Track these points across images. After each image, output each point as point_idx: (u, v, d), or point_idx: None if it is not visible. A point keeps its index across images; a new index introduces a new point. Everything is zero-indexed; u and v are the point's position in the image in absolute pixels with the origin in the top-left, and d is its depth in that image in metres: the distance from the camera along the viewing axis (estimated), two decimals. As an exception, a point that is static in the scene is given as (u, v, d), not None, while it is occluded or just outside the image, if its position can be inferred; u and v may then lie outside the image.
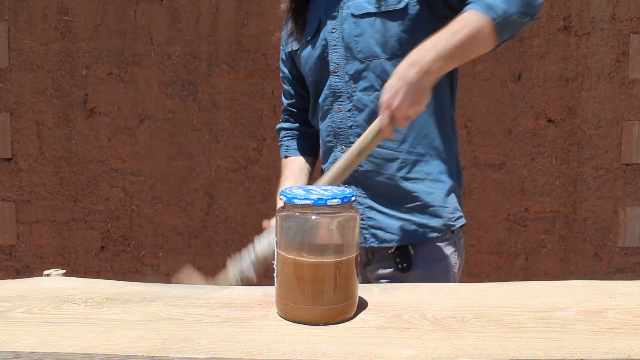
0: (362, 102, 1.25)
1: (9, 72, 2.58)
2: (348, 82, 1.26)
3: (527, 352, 0.71)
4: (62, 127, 2.60)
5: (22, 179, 2.63)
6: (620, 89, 2.50)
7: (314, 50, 1.29)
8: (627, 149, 2.52)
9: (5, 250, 2.68)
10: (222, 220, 2.61)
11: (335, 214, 0.81)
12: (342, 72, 1.26)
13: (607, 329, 0.78)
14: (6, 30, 2.56)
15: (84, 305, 0.89)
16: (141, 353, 0.71)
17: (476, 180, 2.54)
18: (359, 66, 1.24)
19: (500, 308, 0.87)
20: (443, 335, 0.76)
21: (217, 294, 0.96)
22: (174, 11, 2.54)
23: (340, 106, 1.27)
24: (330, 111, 1.29)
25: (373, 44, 1.22)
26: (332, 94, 1.28)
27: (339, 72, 1.26)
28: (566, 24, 2.47)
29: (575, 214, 2.56)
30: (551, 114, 2.51)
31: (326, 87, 1.28)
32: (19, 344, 0.74)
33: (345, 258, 0.82)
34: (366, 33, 1.23)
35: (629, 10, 2.46)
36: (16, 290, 0.97)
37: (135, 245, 2.64)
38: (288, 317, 0.83)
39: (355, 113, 1.26)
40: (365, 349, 0.73)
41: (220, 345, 0.73)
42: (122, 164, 2.61)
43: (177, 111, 2.57)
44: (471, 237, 2.56)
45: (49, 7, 2.54)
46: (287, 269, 0.82)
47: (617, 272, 2.59)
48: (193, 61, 2.55)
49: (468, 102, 2.47)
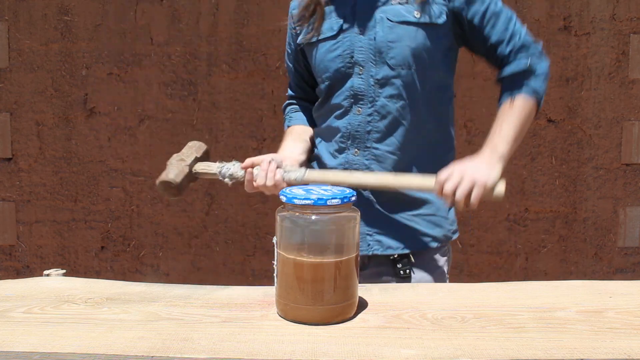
0: (385, 108, 1.23)
1: (9, 72, 2.58)
2: (373, 86, 1.23)
3: (527, 352, 0.71)
4: (62, 127, 2.60)
5: (22, 179, 2.63)
6: (620, 89, 2.50)
7: (335, 48, 1.26)
8: (627, 149, 2.51)
9: (5, 250, 2.68)
10: (222, 220, 2.61)
11: (335, 214, 0.81)
12: (367, 75, 1.23)
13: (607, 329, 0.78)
14: (6, 30, 2.55)
15: (84, 305, 0.89)
16: (141, 353, 0.71)
17: (476, 180, 2.54)
18: (388, 72, 1.22)
19: (500, 308, 0.87)
20: (443, 335, 0.76)
21: (217, 294, 0.96)
22: (174, 11, 2.54)
23: (360, 109, 1.25)
24: (349, 112, 1.26)
25: (407, 53, 1.21)
26: (354, 96, 1.25)
27: (363, 74, 1.24)
28: (566, 24, 2.47)
29: (575, 214, 2.56)
30: (551, 114, 2.51)
31: (347, 87, 1.25)
32: (19, 344, 0.74)
33: (345, 258, 0.82)
34: (402, 40, 1.21)
35: (629, 10, 2.46)
36: (16, 290, 0.97)
37: (135, 245, 2.64)
38: (288, 317, 0.83)
39: (376, 118, 1.24)
40: (365, 349, 0.73)
41: (220, 345, 0.73)
42: (122, 164, 2.61)
43: (177, 111, 2.57)
44: (471, 237, 2.56)
45: (49, 7, 2.54)
46: (287, 269, 0.82)
47: (617, 272, 2.59)
48: (193, 61, 2.55)
49: (468, 102, 2.47)
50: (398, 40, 1.21)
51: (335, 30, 1.26)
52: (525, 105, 1.21)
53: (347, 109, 1.26)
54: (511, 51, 1.23)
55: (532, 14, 2.46)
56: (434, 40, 1.22)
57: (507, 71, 1.23)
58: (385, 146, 1.24)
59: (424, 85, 1.24)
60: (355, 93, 1.24)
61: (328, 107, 1.30)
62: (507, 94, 1.23)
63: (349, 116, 1.26)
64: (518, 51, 1.22)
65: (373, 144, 1.24)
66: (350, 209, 0.84)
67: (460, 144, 2.49)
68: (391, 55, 1.21)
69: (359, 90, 1.24)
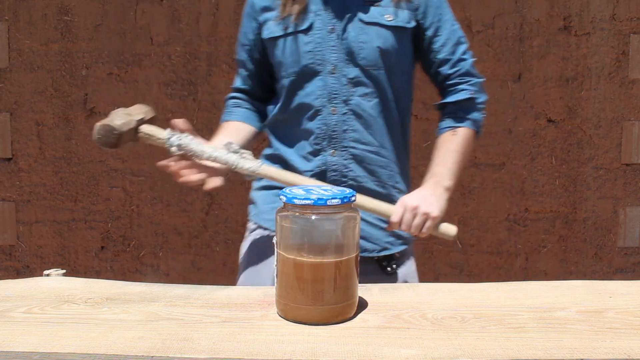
0: (360, 106, 1.25)
1: (9, 72, 2.58)
2: (346, 85, 1.24)
3: (527, 352, 0.71)
4: (62, 127, 2.60)
5: (22, 179, 2.63)
6: (620, 89, 2.50)
7: (304, 44, 1.25)
8: (627, 149, 2.52)
9: (5, 250, 2.68)
10: (222, 220, 2.61)
11: (335, 213, 0.81)
12: (340, 75, 1.24)
13: (607, 329, 0.78)
14: (6, 30, 2.56)
15: (84, 305, 0.89)
16: (141, 353, 0.71)
17: (476, 180, 2.54)
18: (359, 72, 1.24)
19: (500, 308, 0.87)
20: (443, 335, 0.76)
21: (217, 294, 0.96)
22: (174, 11, 2.54)
23: (335, 108, 1.25)
24: (321, 112, 1.25)
25: (378, 54, 1.23)
26: (327, 95, 1.25)
27: (336, 73, 1.24)
28: (566, 24, 2.47)
29: (575, 214, 2.56)
30: (551, 114, 2.51)
31: (319, 86, 1.25)
32: (19, 344, 0.74)
33: (345, 258, 0.82)
34: (373, 42, 1.23)
35: (629, 10, 2.46)
36: (16, 290, 0.97)
37: (135, 245, 2.64)
38: (288, 317, 0.83)
39: (351, 117, 1.25)
40: (365, 349, 0.73)
41: (220, 345, 0.73)
42: (122, 164, 2.61)
43: (177, 111, 2.57)
44: (471, 237, 2.56)
45: (49, 7, 2.54)
46: (287, 269, 0.82)
47: (617, 272, 2.59)
48: (193, 61, 2.55)
49: (468, 102, 2.48)
50: (369, 41, 1.23)
51: (307, 25, 1.25)
52: (467, 136, 1.29)
53: (319, 109, 1.25)
54: (455, 73, 1.29)
55: (532, 14, 2.46)
56: (402, 43, 1.26)
57: (451, 98, 1.29)
58: (363, 145, 1.26)
59: (393, 86, 1.27)
60: (329, 92, 1.25)
61: (295, 109, 1.28)
62: (449, 122, 1.29)
63: (322, 116, 1.25)
64: (462, 76, 1.29)
65: (350, 143, 1.25)
66: (350, 209, 0.84)
67: (460, 144, 2.50)
68: (362, 56, 1.23)
69: (332, 89, 1.24)
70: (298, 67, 1.26)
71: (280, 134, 1.34)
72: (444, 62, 1.29)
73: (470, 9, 2.44)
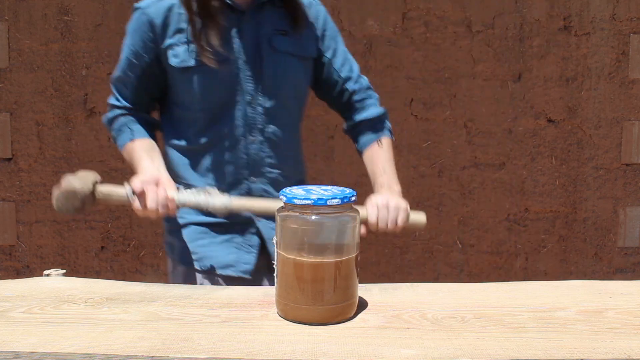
0: (276, 135, 1.29)
1: (9, 72, 2.58)
2: (263, 114, 1.27)
3: (527, 352, 0.71)
4: (62, 127, 2.60)
5: (22, 179, 2.63)
6: (620, 89, 2.50)
7: (220, 75, 1.22)
8: (627, 149, 2.52)
9: (5, 250, 2.68)
10: (222, 220, 2.61)
11: (335, 214, 0.81)
12: (256, 104, 1.26)
13: (607, 329, 0.79)
14: (6, 30, 2.55)
15: (84, 305, 0.89)
16: (141, 353, 0.71)
17: (476, 180, 2.54)
18: (275, 102, 1.27)
19: (500, 308, 0.87)
20: (443, 335, 0.76)
21: (217, 294, 0.96)
22: (174, 11, 2.54)
23: (254, 138, 1.27)
24: (241, 141, 1.26)
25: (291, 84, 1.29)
26: (246, 125, 1.26)
27: (253, 103, 1.26)
28: (566, 24, 2.47)
29: (575, 214, 2.56)
30: (551, 114, 2.51)
31: (238, 116, 1.25)
32: (19, 344, 0.74)
33: (345, 258, 0.82)
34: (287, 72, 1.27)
35: (629, 10, 2.46)
36: (16, 290, 0.97)
37: (135, 245, 2.64)
38: (288, 317, 0.83)
39: (266, 145, 1.28)
40: (365, 349, 0.73)
41: (220, 345, 0.73)
42: (122, 164, 2.61)
43: (177, 111, 2.57)
44: (471, 237, 2.56)
45: (49, 7, 2.54)
46: (287, 269, 0.82)
47: (617, 272, 2.59)
48: (193, 61, 2.55)
49: (468, 102, 2.47)
50: (283, 73, 1.27)
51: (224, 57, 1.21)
52: (390, 144, 1.39)
53: (239, 139, 1.27)
54: (360, 88, 1.38)
55: (532, 14, 2.46)
56: (307, 72, 1.34)
57: (368, 115, 1.38)
58: (277, 170, 1.30)
59: (300, 113, 1.37)
60: (248, 122, 1.26)
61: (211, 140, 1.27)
62: (371, 136, 1.37)
63: (244, 145, 1.27)
64: (367, 90, 1.39)
65: (267, 168, 1.29)
66: (350, 209, 0.84)
67: (460, 143, 2.50)
68: (276, 86, 1.27)
69: (251, 119, 1.26)
70: (215, 97, 1.24)
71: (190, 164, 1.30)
72: (348, 79, 1.37)
73: (470, 9, 2.44)
